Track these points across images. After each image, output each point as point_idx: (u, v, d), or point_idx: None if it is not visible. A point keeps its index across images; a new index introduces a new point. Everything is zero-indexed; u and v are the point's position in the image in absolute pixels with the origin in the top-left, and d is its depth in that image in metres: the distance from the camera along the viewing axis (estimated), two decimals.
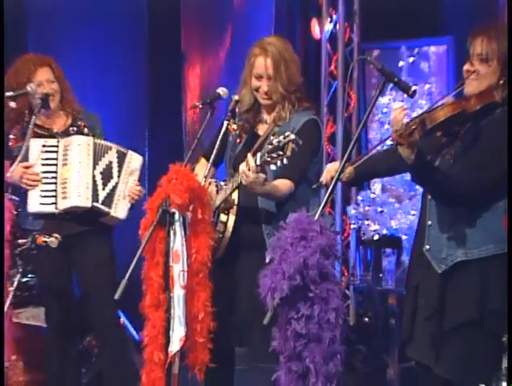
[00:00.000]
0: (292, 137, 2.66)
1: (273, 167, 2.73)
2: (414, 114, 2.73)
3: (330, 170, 2.85)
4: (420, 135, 2.41)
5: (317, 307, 2.38)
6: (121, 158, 3.51)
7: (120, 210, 3.47)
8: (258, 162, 2.72)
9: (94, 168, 3.45)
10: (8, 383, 3.69)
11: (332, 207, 5.40)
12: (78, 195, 3.41)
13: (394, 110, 2.44)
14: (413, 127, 2.37)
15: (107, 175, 3.48)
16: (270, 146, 2.70)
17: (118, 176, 3.49)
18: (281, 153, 2.67)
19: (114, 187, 3.47)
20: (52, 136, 3.52)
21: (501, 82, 2.49)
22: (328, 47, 5.57)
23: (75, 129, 3.56)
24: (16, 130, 3.48)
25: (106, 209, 3.44)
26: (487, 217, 2.51)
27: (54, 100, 3.52)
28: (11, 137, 3.49)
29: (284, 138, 2.67)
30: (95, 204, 3.42)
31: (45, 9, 5.22)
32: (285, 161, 2.69)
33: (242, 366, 3.39)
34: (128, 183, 3.48)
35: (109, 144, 3.51)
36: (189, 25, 5.65)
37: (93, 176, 3.44)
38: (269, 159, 2.69)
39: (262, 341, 2.64)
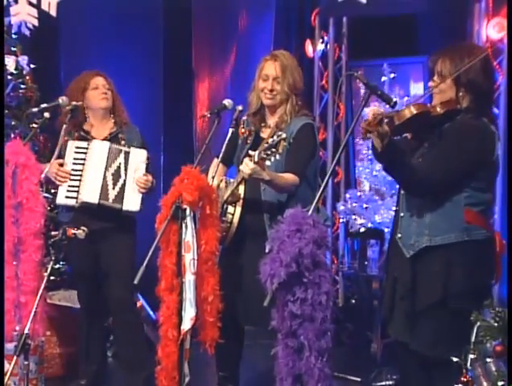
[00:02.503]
0: (283, 136, 2.69)
1: (268, 163, 2.74)
2: None
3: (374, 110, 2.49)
4: (391, 129, 2.38)
5: (311, 291, 2.37)
6: (127, 157, 3.45)
7: (130, 203, 3.40)
8: (256, 159, 2.72)
9: (107, 170, 3.42)
10: (44, 354, 3.68)
11: (324, 203, 5.38)
12: (87, 192, 3.39)
13: (369, 110, 2.41)
14: (380, 117, 2.33)
15: (117, 176, 3.43)
16: (265, 145, 2.71)
17: (125, 174, 3.43)
18: (274, 150, 2.68)
19: (123, 185, 3.42)
20: (89, 140, 3.49)
21: (461, 94, 2.52)
22: (320, 64, 5.55)
23: (109, 137, 3.51)
24: (65, 133, 3.40)
25: (117, 206, 3.40)
26: (449, 208, 2.51)
27: (110, 103, 3.51)
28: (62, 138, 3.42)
29: (277, 137, 2.68)
30: (102, 202, 3.39)
31: (74, 32, 5.20)
32: (277, 157, 2.70)
33: (245, 342, 3.37)
34: (135, 178, 3.41)
35: (120, 147, 3.46)
36: (199, 45, 5.63)
37: (105, 177, 3.41)
38: (264, 156, 2.70)
39: (263, 320, 2.62)
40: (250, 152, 2.78)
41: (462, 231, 2.50)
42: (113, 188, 3.42)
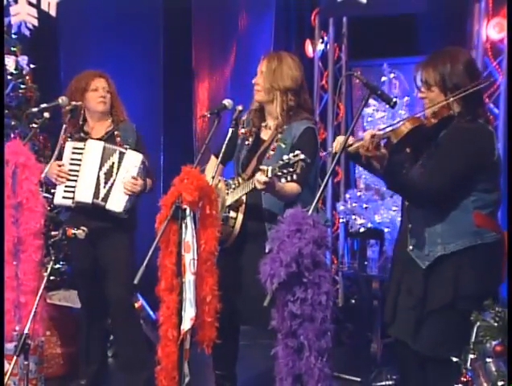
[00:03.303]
0: (302, 156, 2.61)
1: (283, 181, 2.69)
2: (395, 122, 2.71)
3: (339, 140, 2.53)
4: (388, 150, 2.40)
5: (310, 291, 2.36)
6: (121, 157, 3.44)
7: (114, 203, 3.39)
8: (270, 175, 2.68)
9: (100, 169, 3.42)
10: (44, 354, 3.68)
11: (324, 203, 5.38)
12: (81, 192, 3.40)
13: (366, 133, 2.40)
14: (377, 141, 2.35)
15: (109, 175, 3.43)
16: (281, 162, 2.65)
17: (116, 173, 3.42)
18: (291, 170, 2.63)
19: (112, 184, 3.42)
20: (86, 140, 3.49)
21: (452, 99, 2.51)
22: (320, 64, 5.55)
23: (105, 136, 3.51)
24: (64, 133, 3.42)
25: (102, 203, 3.39)
26: (458, 215, 2.51)
27: (107, 107, 3.51)
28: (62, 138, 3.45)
29: (294, 156, 2.62)
30: (95, 201, 3.40)
31: (74, 32, 5.20)
32: (294, 177, 2.64)
33: (245, 342, 3.38)
34: (124, 179, 3.39)
35: (115, 147, 3.45)
36: (199, 45, 5.63)
37: (98, 176, 3.41)
38: (280, 174, 2.65)
39: (263, 320, 2.62)
40: (263, 167, 2.73)
41: (474, 235, 2.50)
42: (104, 187, 3.42)
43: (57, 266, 4.09)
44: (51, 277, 3.82)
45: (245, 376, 3.54)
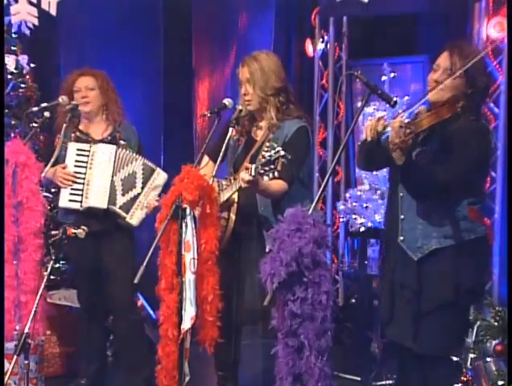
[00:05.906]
0: (282, 153, 2.60)
1: (266, 178, 2.69)
2: None
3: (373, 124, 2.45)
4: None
5: (311, 290, 2.37)
6: (148, 172, 3.44)
7: (135, 218, 3.41)
8: (253, 173, 2.67)
9: (115, 174, 3.40)
10: (44, 353, 3.68)
11: (324, 203, 5.38)
12: (96, 197, 3.38)
13: (391, 122, 2.37)
14: (412, 134, 2.34)
15: (129, 183, 3.41)
16: (263, 160, 2.64)
17: (142, 188, 3.42)
18: (272, 167, 2.62)
19: (135, 197, 3.41)
20: (89, 142, 3.47)
21: (470, 91, 2.51)
22: (320, 63, 5.54)
23: (109, 138, 3.49)
24: (64, 133, 3.40)
25: (123, 214, 3.39)
26: (455, 209, 2.52)
27: (92, 106, 3.47)
28: (56, 138, 3.45)
29: (275, 153, 2.62)
30: (111, 207, 3.38)
31: (74, 31, 5.21)
32: (276, 174, 2.64)
33: (246, 341, 3.37)
34: (149, 196, 3.41)
35: (134, 155, 3.44)
36: (199, 45, 5.64)
37: (112, 181, 3.39)
38: (262, 172, 2.65)
39: (263, 319, 2.62)
40: (247, 164, 2.75)
41: (469, 229, 2.52)
42: (123, 195, 3.41)
43: (57, 265, 4.10)
44: (52, 277, 3.82)
45: (246, 376, 3.54)
